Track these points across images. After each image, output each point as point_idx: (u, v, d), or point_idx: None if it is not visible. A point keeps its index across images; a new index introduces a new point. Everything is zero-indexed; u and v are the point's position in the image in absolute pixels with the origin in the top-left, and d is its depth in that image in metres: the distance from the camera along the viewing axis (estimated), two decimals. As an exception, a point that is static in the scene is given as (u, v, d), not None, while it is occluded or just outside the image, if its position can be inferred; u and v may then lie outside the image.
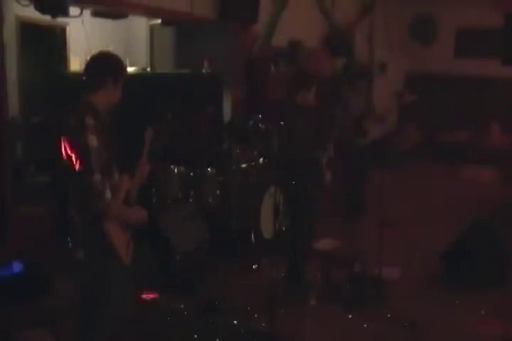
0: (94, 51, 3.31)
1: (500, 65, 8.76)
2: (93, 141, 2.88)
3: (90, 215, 2.94)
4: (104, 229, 2.95)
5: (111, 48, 5.85)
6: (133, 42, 8.72)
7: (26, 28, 7.04)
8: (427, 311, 4.54)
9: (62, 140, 2.97)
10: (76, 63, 7.63)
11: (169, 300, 4.60)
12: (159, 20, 7.86)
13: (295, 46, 8.31)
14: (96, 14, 6.80)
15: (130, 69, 7.41)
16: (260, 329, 4.15)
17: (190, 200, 5.74)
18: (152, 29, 8.67)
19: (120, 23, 7.76)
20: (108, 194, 2.95)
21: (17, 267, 4.67)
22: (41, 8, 5.25)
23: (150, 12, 6.88)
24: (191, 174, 5.77)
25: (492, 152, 10.22)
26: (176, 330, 4.16)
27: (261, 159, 6.26)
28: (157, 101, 6.30)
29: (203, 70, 7.10)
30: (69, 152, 2.94)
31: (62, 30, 7.58)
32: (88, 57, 3.22)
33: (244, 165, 6.08)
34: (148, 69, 8.10)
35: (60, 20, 5.98)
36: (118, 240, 3.03)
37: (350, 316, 4.49)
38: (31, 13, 5.55)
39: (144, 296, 4.49)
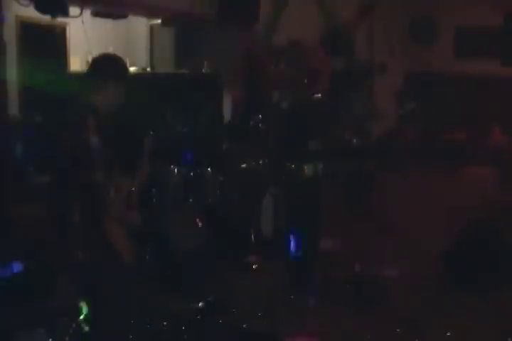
0: (94, 51, 3.32)
1: (500, 65, 8.77)
2: (94, 141, 2.89)
3: (91, 215, 2.94)
4: (105, 229, 2.96)
5: (111, 48, 5.85)
6: (133, 42, 8.71)
7: (26, 28, 7.04)
8: (427, 311, 4.54)
9: (63, 140, 2.97)
10: (76, 63, 7.62)
11: (169, 300, 4.60)
12: (159, 20, 7.86)
13: (295, 45, 8.31)
14: (96, 14, 6.80)
15: (130, 70, 7.41)
16: (260, 329, 4.15)
17: (190, 200, 5.74)
18: (152, 29, 8.67)
19: (120, 23, 7.76)
20: (111, 193, 2.96)
21: (17, 267, 4.67)
22: (41, 8, 5.26)
23: (150, 12, 6.89)
24: (191, 174, 5.77)
25: (492, 152, 10.21)
26: (176, 330, 4.15)
27: (261, 159, 6.25)
28: (157, 101, 6.30)
29: (203, 70, 7.10)
30: (70, 152, 2.94)
31: (62, 30, 7.57)
32: (89, 58, 3.24)
33: (244, 165, 6.08)
34: (148, 69, 8.10)
35: (60, 20, 5.97)
36: (119, 239, 3.04)
37: (350, 316, 4.49)
38: (31, 13, 5.56)
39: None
